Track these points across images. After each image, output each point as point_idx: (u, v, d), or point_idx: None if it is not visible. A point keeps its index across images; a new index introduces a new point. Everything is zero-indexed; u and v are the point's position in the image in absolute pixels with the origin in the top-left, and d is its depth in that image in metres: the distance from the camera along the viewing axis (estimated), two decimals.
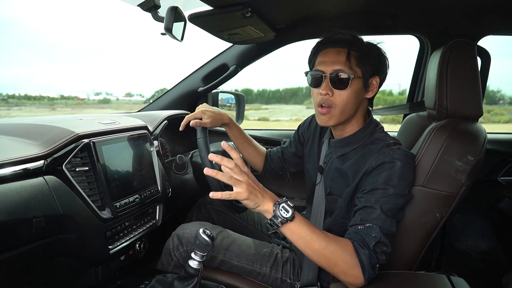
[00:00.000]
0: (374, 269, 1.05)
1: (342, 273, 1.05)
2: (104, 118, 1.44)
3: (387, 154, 1.15)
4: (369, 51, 1.23)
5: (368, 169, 1.17)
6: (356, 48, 1.21)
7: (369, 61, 1.22)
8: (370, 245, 1.06)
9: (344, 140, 1.30)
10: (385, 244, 1.08)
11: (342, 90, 1.20)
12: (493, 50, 1.93)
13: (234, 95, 2.39)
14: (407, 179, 1.15)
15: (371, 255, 1.05)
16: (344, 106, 1.22)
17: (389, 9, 1.65)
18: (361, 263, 1.04)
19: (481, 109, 1.27)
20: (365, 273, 1.03)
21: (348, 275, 1.05)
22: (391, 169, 1.13)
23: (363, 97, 1.26)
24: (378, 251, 1.06)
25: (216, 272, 1.44)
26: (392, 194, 1.11)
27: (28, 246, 0.97)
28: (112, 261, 1.32)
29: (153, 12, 1.36)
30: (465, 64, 1.26)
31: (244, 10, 1.35)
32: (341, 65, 1.20)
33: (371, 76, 1.24)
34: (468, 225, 2.13)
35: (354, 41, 1.22)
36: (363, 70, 1.22)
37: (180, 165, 1.68)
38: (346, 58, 1.20)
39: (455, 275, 1.15)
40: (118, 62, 32.72)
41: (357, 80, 1.21)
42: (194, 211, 1.84)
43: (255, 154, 1.69)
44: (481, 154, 1.18)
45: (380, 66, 1.26)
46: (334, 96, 1.22)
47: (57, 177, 1.07)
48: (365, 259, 1.04)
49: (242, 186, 1.01)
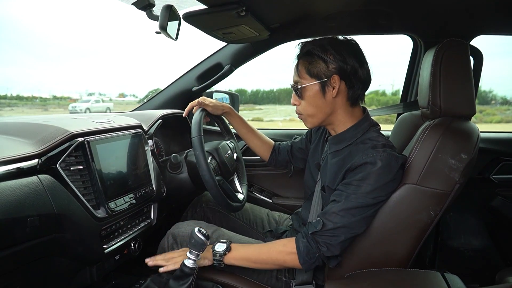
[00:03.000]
0: (312, 257, 1.21)
1: (284, 262, 1.26)
2: (98, 117, 1.43)
3: (370, 155, 1.17)
4: (313, 56, 1.26)
5: (351, 167, 1.20)
6: (302, 56, 1.28)
7: (315, 65, 1.25)
8: (307, 233, 1.21)
9: (338, 137, 1.33)
10: (328, 237, 1.19)
11: (301, 99, 1.31)
12: (485, 51, 1.95)
13: (229, 94, 2.39)
14: (384, 180, 1.17)
15: (309, 244, 1.20)
16: (307, 111, 1.31)
17: (382, 8, 1.66)
18: (297, 249, 1.22)
19: (474, 108, 1.29)
20: (300, 258, 1.21)
21: (287, 261, 1.25)
22: (370, 169, 1.16)
23: (330, 98, 1.27)
24: (320, 241, 1.20)
25: (211, 271, 1.43)
26: (363, 192, 1.16)
27: (22, 246, 0.96)
28: (107, 261, 1.31)
29: (148, 10, 1.35)
30: (458, 63, 1.27)
31: (239, 9, 1.34)
32: (295, 77, 1.31)
33: (327, 77, 1.24)
34: (462, 223, 2.15)
35: (302, 49, 1.29)
36: (312, 75, 1.26)
37: (175, 164, 1.68)
38: (296, 69, 1.30)
39: (449, 273, 1.16)
40: (112, 62, 32.49)
41: (310, 87, 1.27)
42: (189, 210, 1.84)
43: (260, 144, 1.80)
44: (474, 152, 1.19)
45: (332, 66, 1.24)
46: (300, 105, 1.33)
47: (52, 176, 1.06)
48: (302, 246, 1.21)
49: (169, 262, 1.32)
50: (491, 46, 2.47)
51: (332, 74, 1.24)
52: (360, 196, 1.16)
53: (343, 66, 1.24)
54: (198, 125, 1.49)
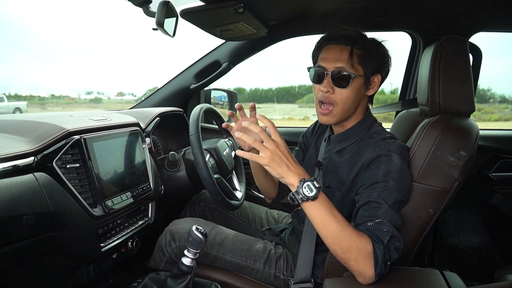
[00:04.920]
0: (386, 266, 1.04)
1: (353, 260, 1.03)
2: (95, 115, 1.42)
3: (382, 147, 1.16)
4: (372, 49, 1.23)
5: (364, 162, 1.17)
6: (359, 46, 1.21)
7: (371, 59, 1.22)
8: (384, 241, 1.04)
9: (343, 135, 1.31)
10: (398, 239, 1.06)
11: (343, 88, 1.20)
12: (484, 49, 1.95)
13: (227, 92, 2.38)
14: (405, 171, 1.16)
15: (385, 251, 1.03)
16: (345, 104, 1.22)
17: (381, 5, 1.65)
18: (375, 257, 1.02)
19: (473, 105, 1.28)
20: (377, 268, 1.02)
21: (360, 263, 1.02)
22: (388, 162, 1.13)
23: (363, 95, 1.26)
24: (391, 247, 1.05)
25: (209, 270, 1.43)
26: (393, 186, 1.11)
27: (19, 244, 0.95)
28: (104, 259, 1.30)
29: (145, 7, 1.34)
30: (457, 60, 1.26)
31: (237, 6, 1.34)
32: (343, 63, 1.19)
33: (373, 74, 1.24)
34: (460, 221, 2.15)
35: (357, 38, 1.21)
36: (365, 68, 1.21)
37: (173, 162, 1.67)
38: (348, 56, 1.19)
39: (448, 271, 1.15)
40: (110, 60, 32.22)
41: (359, 79, 1.21)
42: (187, 208, 1.83)
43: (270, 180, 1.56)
44: (473, 149, 1.19)
45: (382, 64, 1.25)
46: (335, 94, 1.21)
47: (48, 174, 1.05)
48: (380, 253, 1.02)
49: (266, 152, 1.00)
50: (490, 44, 2.47)
51: (376, 72, 1.25)
52: (392, 191, 1.10)
53: (387, 68, 1.28)
54: (196, 123, 1.48)
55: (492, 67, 3.97)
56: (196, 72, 2.25)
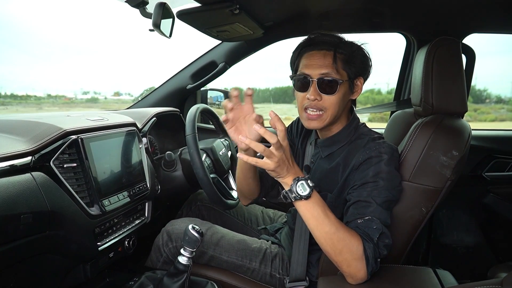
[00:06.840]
0: (377, 263, 1.05)
1: (345, 263, 1.04)
2: (92, 115, 1.43)
3: (373, 148, 1.17)
4: (354, 53, 1.21)
5: (355, 164, 1.18)
6: (342, 50, 1.19)
7: (354, 63, 1.21)
8: (374, 239, 1.05)
9: (331, 139, 1.30)
10: (387, 236, 1.08)
11: (331, 95, 1.19)
12: (481, 49, 1.97)
13: (223, 92, 2.39)
14: (395, 171, 1.17)
15: (375, 249, 1.04)
16: (334, 109, 1.20)
17: (375, 6, 1.67)
18: (366, 257, 1.03)
19: (465, 106, 1.30)
20: (369, 267, 1.03)
21: (352, 266, 1.03)
22: (379, 163, 1.14)
23: (348, 99, 1.26)
24: (381, 245, 1.06)
25: (205, 268, 1.44)
26: (383, 186, 1.12)
27: (16, 243, 0.96)
28: (101, 258, 1.31)
29: (141, 8, 1.36)
30: (450, 61, 1.28)
31: (232, 7, 1.35)
32: (327, 68, 1.17)
33: (356, 77, 1.24)
34: (454, 220, 2.17)
35: (339, 43, 1.21)
36: (349, 72, 1.21)
37: (169, 162, 1.68)
38: (332, 61, 1.17)
39: (441, 269, 1.17)
40: (107, 60, 31.82)
41: (344, 83, 1.20)
42: (184, 208, 1.84)
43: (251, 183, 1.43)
44: (465, 149, 1.20)
45: (364, 67, 1.25)
46: (323, 100, 1.19)
47: (45, 174, 1.06)
48: (370, 252, 1.03)
49: (273, 159, 0.99)
50: (487, 45, 2.48)
51: (359, 76, 1.24)
52: (382, 191, 1.12)
53: (369, 70, 1.27)
54: (193, 123, 1.49)
55: (489, 68, 3.98)
56: (193, 72, 2.26)
